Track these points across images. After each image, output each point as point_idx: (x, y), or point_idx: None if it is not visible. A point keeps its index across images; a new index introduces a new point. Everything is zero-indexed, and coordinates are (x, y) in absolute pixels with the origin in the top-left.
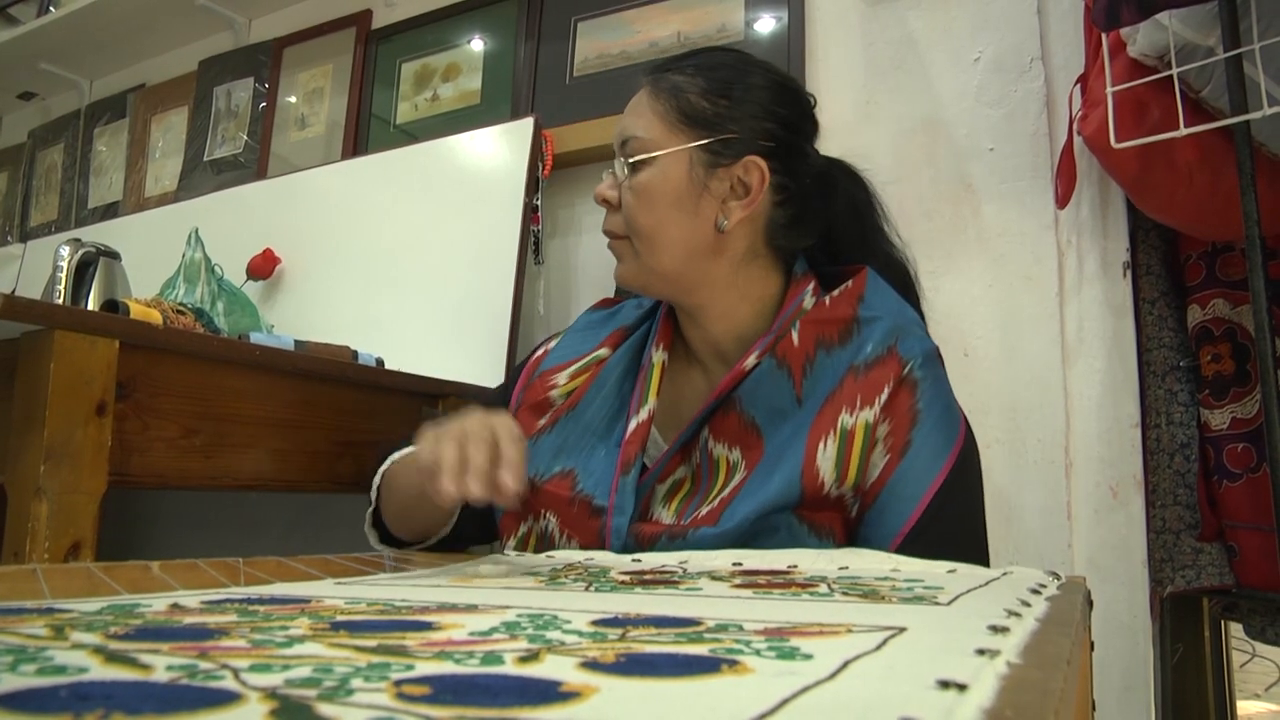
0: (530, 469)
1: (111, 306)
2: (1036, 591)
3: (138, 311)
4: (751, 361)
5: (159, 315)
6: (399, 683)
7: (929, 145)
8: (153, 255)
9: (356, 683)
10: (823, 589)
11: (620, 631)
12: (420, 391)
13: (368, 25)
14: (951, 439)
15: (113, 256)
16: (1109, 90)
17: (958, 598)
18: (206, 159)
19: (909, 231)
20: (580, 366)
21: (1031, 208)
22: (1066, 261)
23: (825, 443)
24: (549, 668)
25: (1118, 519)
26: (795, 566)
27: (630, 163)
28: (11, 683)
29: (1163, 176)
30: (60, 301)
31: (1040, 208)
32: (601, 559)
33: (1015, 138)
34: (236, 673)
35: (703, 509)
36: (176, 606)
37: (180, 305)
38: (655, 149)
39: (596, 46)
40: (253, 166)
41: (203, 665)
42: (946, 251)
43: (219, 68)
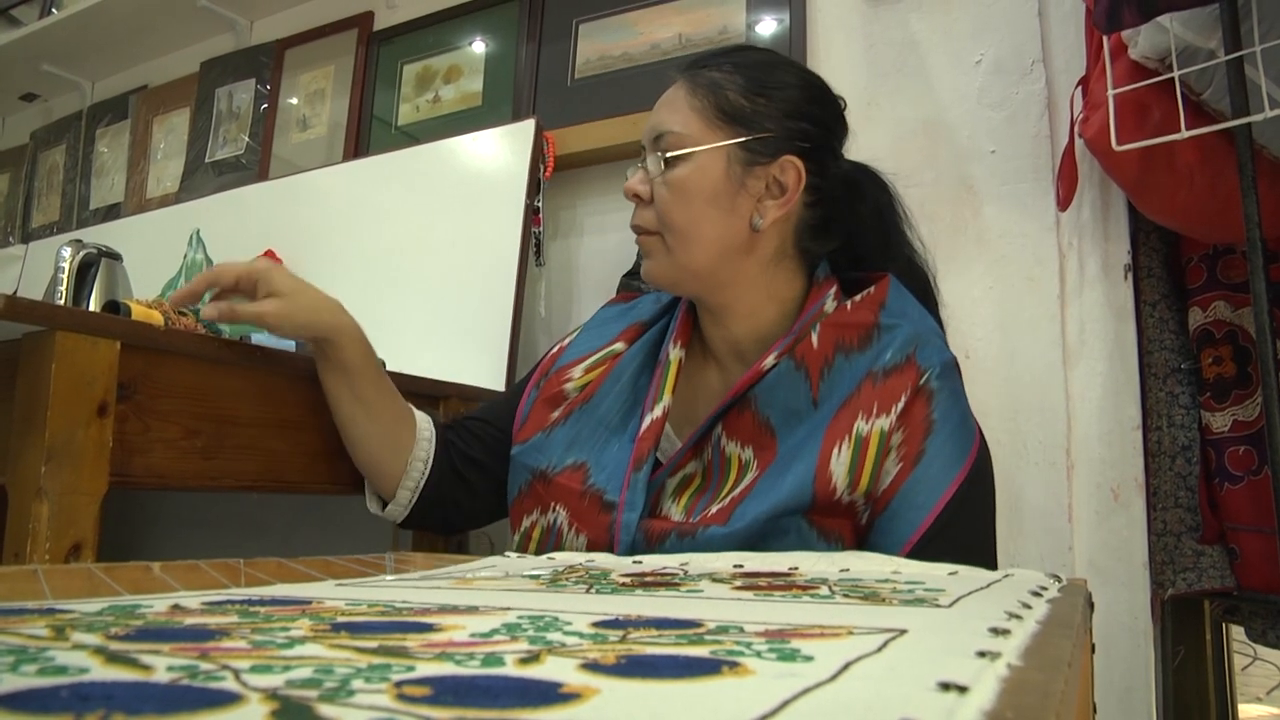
0: (543, 460)
1: (113, 308)
2: (1037, 593)
3: (139, 313)
4: (770, 361)
5: (160, 316)
6: (400, 684)
7: (930, 147)
8: (154, 256)
9: (357, 684)
10: (823, 591)
11: (621, 633)
12: (421, 393)
13: (369, 27)
14: (966, 450)
15: (114, 258)
16: (1110, 93)
17: (958, 600)
18: (208, 160)
19: None
20: (595, 360)
21: (1033, 210)
22: (1068, 264)
23: (840, 447)
24: (550, 669)
25: (1119, 521)
26: (796, 569)
27: (667, 157)
28: (12, 683)
29: (1164, 179)
30: (62, 302)
31: (1041, 210)
32: (602, 561)
33: (1016, 140)
34: (237, 673)
35: (713, 507)
36: (177, 607)
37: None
38: (693, 144)
39: (598, 48)
40: (254, 168)
41: (203, 666)
42: (947, 253)
43: (220, 69)
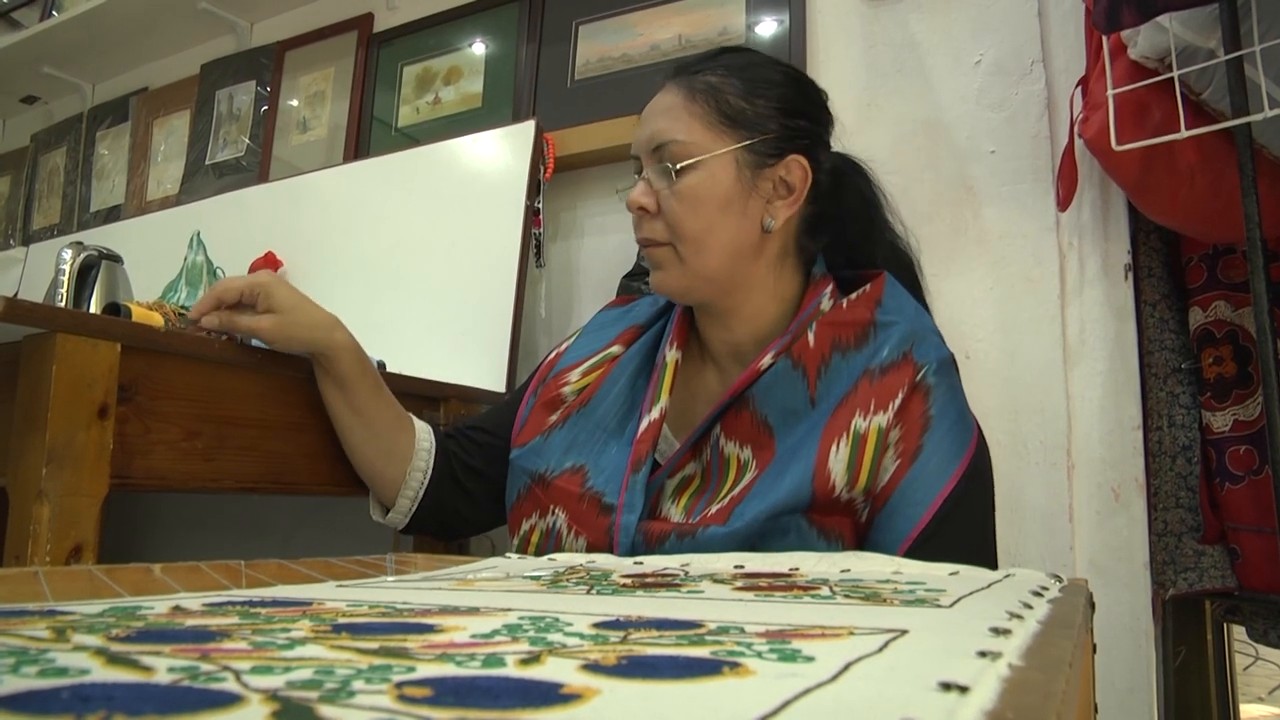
0: (542, 464)
1: (113, 309)
2: (1038, 594)
3: (139, 314)
4: (767, 361)
5: (161, 318)
6: (400, 684)
7: (930, 148)
8: (155, 258)
9: (358, 684)
10: (824, 591)
11: (622, 634)
12: (422, 394)
13: (369, 28)
14: (963, 446)
15: (115, 260)
16: (1110, 93)
17: (959, 600)
18: (208, 162)
19: None
20: (593, 364)
21: (1033, 210)
22: (1068, 264)
23: (838, 445)
24: (550, 670)
25: (1119, 521)
26: (797, 569)
27: (677, 168)
28: (13, 684)
29: (1164, 179)
30: (62, 305)
31: (1041, 210)
32: (603, 562)
33: (1016, 140)
34: (238, 675)
35: (712, 507)
36: (178, 609)
37: (182, 308)
38: (700, 152)
39: (598, 49)
40: (254, 169)
41: (204, 667)
42: (947, 254)
43: (221, 71)
